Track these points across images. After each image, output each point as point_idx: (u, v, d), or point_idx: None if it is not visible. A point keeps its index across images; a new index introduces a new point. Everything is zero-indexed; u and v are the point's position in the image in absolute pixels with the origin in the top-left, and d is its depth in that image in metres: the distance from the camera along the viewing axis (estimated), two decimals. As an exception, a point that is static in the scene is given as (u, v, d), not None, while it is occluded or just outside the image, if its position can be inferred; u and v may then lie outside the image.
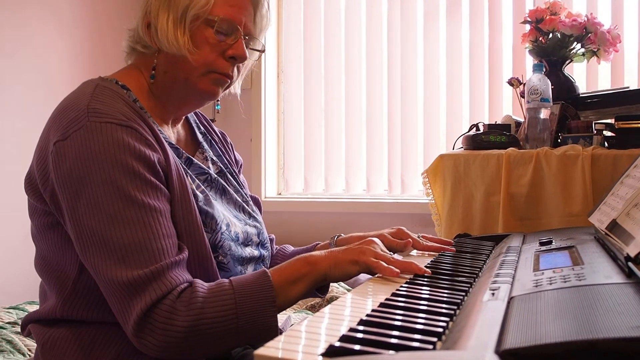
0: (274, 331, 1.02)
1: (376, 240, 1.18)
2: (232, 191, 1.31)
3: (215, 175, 1.28)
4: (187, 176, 1.17)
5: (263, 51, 1.30)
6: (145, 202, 1.03)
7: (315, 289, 1.24)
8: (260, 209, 1.46)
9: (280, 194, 3.35)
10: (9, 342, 1.83)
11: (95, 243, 1.01)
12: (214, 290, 1.03)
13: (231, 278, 1.06)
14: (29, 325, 1.20)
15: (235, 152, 1.46)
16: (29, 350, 1.82)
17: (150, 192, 1.04)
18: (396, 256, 1.16)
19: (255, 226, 1.31)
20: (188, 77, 1.19)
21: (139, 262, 1.00)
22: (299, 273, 1.09)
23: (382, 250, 1.14)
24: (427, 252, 1.36)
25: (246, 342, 1.06)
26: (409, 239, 1.35)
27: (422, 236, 1.41)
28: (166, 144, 1.13)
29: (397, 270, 1.06)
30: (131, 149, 1.04)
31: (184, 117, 1.32)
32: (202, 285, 1.03)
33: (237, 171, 1.40)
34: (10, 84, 2.59)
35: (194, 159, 1.25)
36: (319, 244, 1.48)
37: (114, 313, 1.04)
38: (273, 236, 1.50)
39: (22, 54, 2.64)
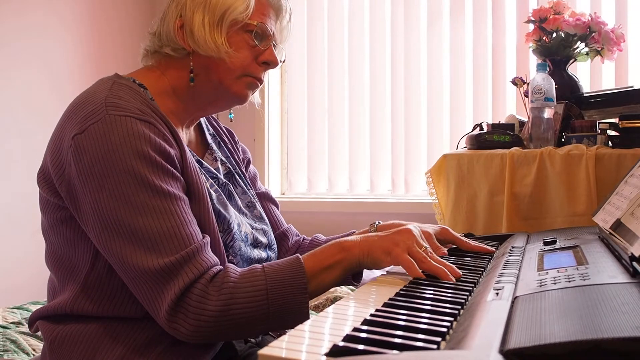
0: (305, 318, 1.02)
1: (414, 230, 1.14)
2: (238, 196, 1.31)
3: (224, 180, 1.28)
4: (202, 174, 1.18)
5: (284, 61, 1.32)
6: (169, 191, 1.04)
7: (350, 276, 1.24)
8: (274, 203, 1.47)
9: (284, 194, 3.35)
10: (13, 341, 1.83)
11: (123, 234, 1.02)
12: (246, 275, 1.04)
13: (264, 264, 1.07)
14: (37, 321, 1.20)
15: (241, 145, 1.46)
16: (34, 349, 1.83)
17: (171, 181, 1.06)
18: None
19: (262, 229, 1.31)
20: (223, 80, 1.19)
21: (169, 249, 1.01)
22: (333, 259, 1.09)
23: (417, 243, 1.10)
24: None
25: (277, 327, 1.06)
26: (443, 251, 1.28)
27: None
28: (183, 142, 1.14)
29: (423, 276, 1.04)
30: (151, 141, 1.05)
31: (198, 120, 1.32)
32: (234, 270, 1.05)
33: (244, 171, 1.40)
34: (15, 82, 2.60)
35: (203, 161, 1.26)
36: (354, 232, 1.45)
37: (143, 303, 1.04)
38: (292, 227, 1.48)
39: (27, 52, 2.65)
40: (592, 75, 2.69)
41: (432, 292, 0.95)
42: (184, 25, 1.18)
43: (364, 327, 0.75)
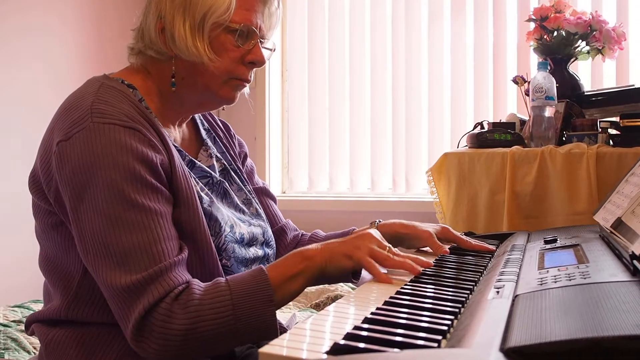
0: (274, 329, 1.01)
1: (375, 234, 1.13)
2: (234, 193, 1.29)
3: (218, 178, 1.26)
4: (191, 178, 1.16)
5: (274, 50, 1.28)
6: (145, 205, 1.02)
7: (350, 274, 1.23)
8: (272, 199, 1.45)
9: (284, 192, 3.35)
10: (14, 340, 1.83)
11: (96, 246, 1.00)
12: (210, 291, 1.01)
13: (228, 277, 1.04)
14: (32, 324, 1.19)
15: (237, 138, 1.44)
16: (34, 347, 1.83)
17: (151, 195, 1.03)
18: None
19: (259, 225, 1.30)
20: (208, 85, 1.17)
21: (138, 266, 0.98)
22: (296, 269, 1.07)
23: (378, 246, 1.10)
24: (429, 251, 1.35)
25: (246, 341, 1.05)
26: (445, 250, 1.29)
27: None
28: (171, 145, 1.12)
29: (389, 278, 1.04)
30: (133, 150, 1.03)
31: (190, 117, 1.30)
32: (198, 285, 1.02)
33: (241, 166, 1.39)
34: (16, 81, 2.60)
35: (196, 161, 1.24)
36: (354, 229, 1.44)
37: (115, 317, 1.03)
38: (290, 222, 1.48)
39: (28, 51, 2.65)
40: (593, 73, 2.69)
41: (433, 290, 0.95)
42: (164, 28, 1.14)
43: (365, 326, 0.75)
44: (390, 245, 1.13)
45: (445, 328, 0.73)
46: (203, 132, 1.33)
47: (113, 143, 1.02)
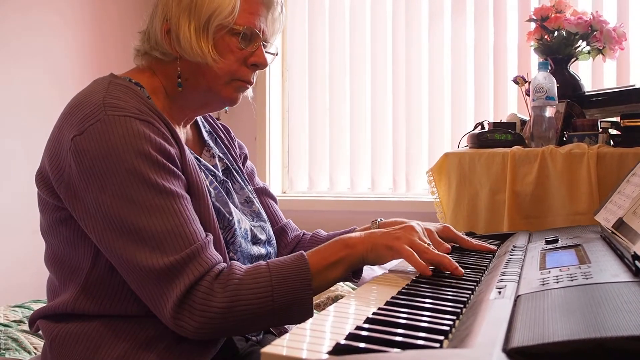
0: (309, 314, 1.03)
1: (416, 227, 1.16)
2: (236, 192, 1.32)
3: (222, 177, 1.29)
4: (201, 172, 1.18)
5: (276, 54, 1.31)
6: (171, 190, 1.05)
7: (350, 273, 1.24)
8: (273, 198, 1.48)
9: (284, 192, 3.35)
10: (15, 340, 1.83)
11: (127, 233, 1.02)
12: (250, 272, 1.04)
13: (268, 261, 1.08)
14: (37, 321, 1.20)
15: (237, 141, 1.46)
16: (35, 348, 1.83)
17: (173, 180, 1.07)
18: None
19: (260, 224, 1.32)
20: (211, 85, 1.19)
21: (174, 247, 1.02)
22: (337, 256, 1.09)
23: (419, 239, 1.12)
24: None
25: (282, 322, 1.08)
26: (447, 248, 1.29)
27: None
28: (181, 139, 1.15)
29: (428, 268, 1.05)
30: (151, 140, 1.05)
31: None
32: (239, 267, 1.05)
33: (241, 167, 1.41)
34: (16, 80, 2.60)
35: (201, 159, 1.27)
36: (355, 228, 1.46)
37: (146, 301, 1.05)
38: (291, 222, 1.49)
39: (29, 51, 2.65)
40: (593, 74, 2.69)
41: (434, 290, 0.95)
42: (170, 30, 1.17)
43: (366, 326, 0.75)
44: (430, 242, 1.15)
45: (447, 328, 0.73)
46: (205, 134, 1.36)
47: (130, 133, 1.04)
